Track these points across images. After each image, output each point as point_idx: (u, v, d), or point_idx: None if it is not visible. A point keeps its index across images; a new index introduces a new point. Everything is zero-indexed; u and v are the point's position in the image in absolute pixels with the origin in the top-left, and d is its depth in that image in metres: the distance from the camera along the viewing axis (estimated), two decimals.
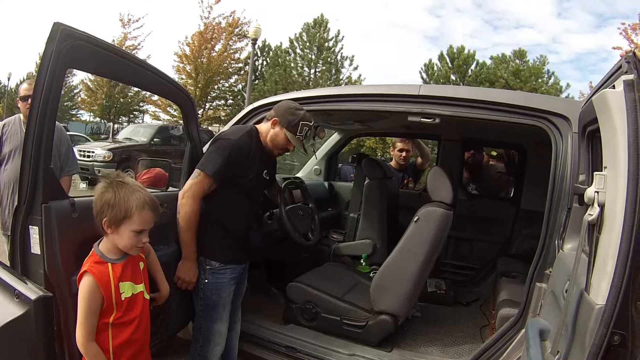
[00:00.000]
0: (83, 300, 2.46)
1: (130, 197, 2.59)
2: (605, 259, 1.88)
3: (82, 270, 2.50)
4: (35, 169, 2.53)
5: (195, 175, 3.44)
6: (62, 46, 2.52)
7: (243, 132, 3.63)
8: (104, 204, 2.55)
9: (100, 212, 2.55)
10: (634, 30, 26.51)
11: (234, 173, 3.50)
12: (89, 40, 2.70)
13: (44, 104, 2.50)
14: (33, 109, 2.51)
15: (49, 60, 2.50)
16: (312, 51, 38.04)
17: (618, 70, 2.13)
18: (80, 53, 2.65)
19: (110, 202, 2.55)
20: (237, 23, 34.82)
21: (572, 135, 3.28)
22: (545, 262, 3.30)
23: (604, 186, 2.02)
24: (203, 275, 3.54)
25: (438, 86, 15.34)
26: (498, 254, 6.25)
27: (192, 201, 3.39)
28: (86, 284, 2.48)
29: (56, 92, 2.56)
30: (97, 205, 2.56)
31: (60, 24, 2.51)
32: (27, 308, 2.19)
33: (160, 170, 4.12)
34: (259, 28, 23.30)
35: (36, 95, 2.51)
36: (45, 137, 2.53)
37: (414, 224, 4.19)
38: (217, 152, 3.47)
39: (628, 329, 1.86)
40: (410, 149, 7.47)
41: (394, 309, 4.16)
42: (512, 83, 33.91)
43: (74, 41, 2.58)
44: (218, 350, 3.69)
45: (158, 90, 3.88)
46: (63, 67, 2.58)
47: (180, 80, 33.65)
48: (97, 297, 2.50)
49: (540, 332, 2.67)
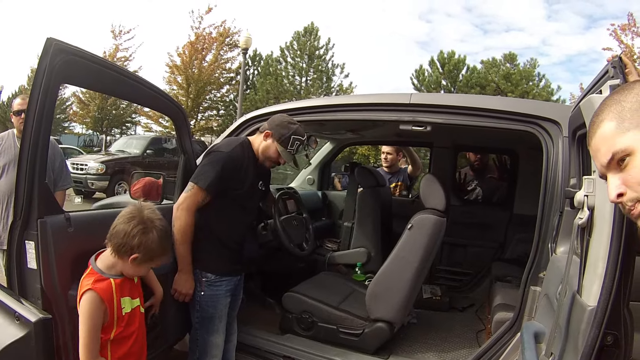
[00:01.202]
0: (88, 318, 2.48)
1: (165, 242, 2.71)
2: (596, 262, 1.91)
3: (85, 289, 2.51)
4: (31, 184, 2.55)
5: (189, 188, 3.46)
6: (56, 61, 2.54)
7: (235, 144, 3.65)
8: (142, 243, 2.58)
9: (132, 247, 2.57)
10: (623, 30, 26.64)
11: (228, 185, 3.52)
12: (82, 55, 2.72)
13: (39, 119, 2.53)
14: (27, 123, 2.53)
15: (42, 76, 2.52)
16: (303, 59, 38.08)
17: (605, 75, 2.17)
18: (73, 68, 2.67)
19: (152, 245, 2.61)
20: (227, 33, 34.79)
21: (562, 139, 3.30)
22: (539, 266, 3.31)
23: (593, 190, 2.06)
24: (199, 287, 3.55)
25: (429, 94, 15.46)
26: (492, 258, 6.26)
27: (186, 214, 3.40)
28: (91, 301, 2.49)
29: (50, 106, 2.58)
30: (133, 242, 2.58)
31: (53, 39, 2.54)
32: (27, 330, 2.22)
33: (151, 179, 4.12)
34: (250, 37, 23.26)
35: (30, 110, 2.53)
36: (40, 152, 2.56)
37: (408, 231, 4.21)
38: (210, 165, 3.49)
39: (620, 329, 1.89)
40: (394, 152, 7.52)
41: (389, 316, 4.17)
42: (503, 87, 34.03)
43: (67, 56, 2.61)
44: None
45: (151, 103, 3.89)
46: (57, 82, 2.61)
47: (172, 91, 33.63)
48: (100, 313, 2.52)
49: (535, 335, 2.69)
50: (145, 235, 2.58)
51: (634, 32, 26.49)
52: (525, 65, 36.40)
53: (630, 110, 1.26)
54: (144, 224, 2.60)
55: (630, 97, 1.26)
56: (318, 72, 37.75)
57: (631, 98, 1.26)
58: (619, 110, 1.28)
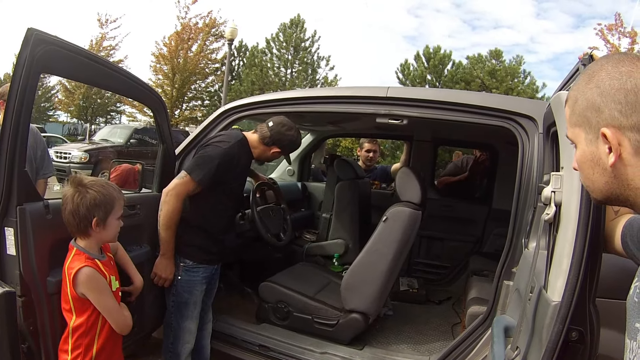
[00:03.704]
0: (97, 288, 2.59)
1: (108, 189, 2.70)
2: (561, 257, 1.93)
3: (80, 266, 2.55)
4: (10, 172, 2.56)
5: (182, 175, 3.50)
6: (36, 51, 2.55)
7: (234, 141, 3.68)
8: (89, 206, 2.60)
9: (85, 216, 2.60)
10: (610, 30, 26.82)
11: (220, 180, 3.56)
12: (62, 45, 2.74)
13: (19, 107, 2.54)
14: (7, 112, 2.54)
15: (22, 65, 2.53)
16: (288, 51, 37.94)
17: (576, 72, 2.18)
18: (53, 58, 2.70)
19: (96, 201, 2.62)
20: (213, 23, 34.61)
21: (538, 135, 3.31)
22: (512, 261, 3.34)
23: (561, 186, 2.08)
24: (177, 272, 3.59)
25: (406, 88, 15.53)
26: (470, 252, 6.32)
27: (174, 200, 3.43)
28: (92, 274, 2.56)
29: (30, 96, 2.60)
30: (81, 211, 2.60)
31: (34, 30, 2.56)
32: None
33: (127, 166, 4.12)
34: (236, 28, 23.16)
35: (11, 99, 2.54)
36: (19, 140, 2.57)
37: (383, 223, 4.24)
38: (207, 158, 3.52)
39: (586, 325, 1.91)
40: (377, 150, 7.59)
41: (364, 307, 4.20)
42: (488, 83, 33.99)
43: (47, 46, 2.62)
44: (188, 348, 3.73)
45: (131, 93, 3.92)
46: (37, 72, 2.62)
47: (157, 80, 33.50)
48: (105, 282, 2.61)
49: (505, 329, 2.72)
50: (85, 198, 2.61)
51: (620, 32, 26.69)
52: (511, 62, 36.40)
53: (579, 108, 1.33)
54: (77, 192, 2.63)
55: (587, 93, 1.30)
56: (303, 64, 37.64)
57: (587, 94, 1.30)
58: (572, 105, 1.36)
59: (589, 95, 1.29)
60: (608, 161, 1.24)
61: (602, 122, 1.25)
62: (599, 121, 1.26)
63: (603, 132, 1.23)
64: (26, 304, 2.59)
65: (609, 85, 1.25)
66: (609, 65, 1.28)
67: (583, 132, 1.32)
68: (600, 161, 1.28)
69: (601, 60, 1.33)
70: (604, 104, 1.25)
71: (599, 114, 1.26)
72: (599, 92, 1.26)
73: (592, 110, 1.28)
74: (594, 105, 1.27)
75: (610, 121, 1.23)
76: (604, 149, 1.25)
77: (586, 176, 1.36)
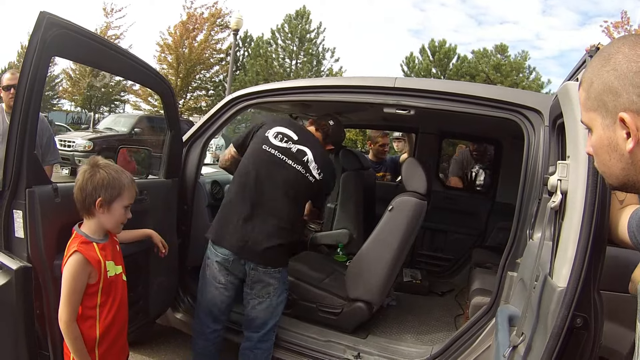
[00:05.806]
0: (70, 278, 2.52)
1: (120, 175, 2.72)
2: (567, 245, 1.95)
3: (72, 251, 2.55)
4: (20, 155, 2.58)
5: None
6: (48, 35, 2.56)
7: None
8: (97, 185, 2.63)
9: (91, 194, 2.63)
10: (616, 28, 26.63)
11: None
12: (74, 29, 2.75)
13: (29, 91, 2.56)
14: (18, 95, 2.55)
15: (34, 48, 2.54)
16: (293, 42, 37.94)
17: (583, 64, 2.19)
18: (65, 41, 2.71)
19: (104, 182, 2.64)
20: (219, 13, 34.55)
21: (544, 128, 3.31)
22: (516, 252, 3.36)
23: (567, 174, 2.10)
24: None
25: (413, 79, 15.46)
26: (473, 245, 6.34)
27: None
28: (75, 262, 2.53)
29: (41, 79, 2.62)
30: (88, 188, 2.63)
31: (46, 13, 2.56)
32: (9, 277, 2.40)
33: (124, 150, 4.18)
34: (241, 19, 23.09)
35: (22, 83, 2.55)
36: (30, 123, 2.59)
37: (388, 212, 4.26)
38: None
39: (590, 312, 1.93)
40: (388, 143, 7.58)
41: (368, 296, 4.22)
42: (492, 77, 33.95)
43: (59, 30, 2.63)
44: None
45: (140, 79, 3.92)
46: (48, 55, 2.64)
47: (162, 70, 33.31)
48: (84, 275, 2.56)
49: (509, 318, 2.74)
50: (94, 177, 2.64)
51: (626, 30, 26.39)
52: (517, 57, 36.37)
53: (595, 91, 1.29)
54: (90, 171, 2.67)
55: (603, 76, 1.29)
56: (308, 56, 37.62)
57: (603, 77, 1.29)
58: (587, 88, 1.33)
59: (605, 78, 1.25)
60: (626, 147, 1.21)
61: (620, 106, 1.22)
62: (616, 105, 1.23)
63: (621, 116, 1.20)
64: (34, 287, 2.60)
65: (627, 68, 1.22)
66: (625, 47, 1.25)
67: (599, 117, 1.28)
68: (617, 147, 1.25)
69: (617, 42, 1.30)
70: (621, 87, 1.22)
71: (616, 97, 1.23)
72: (616, 75, 1.23)
73: (609, 93, 1.25)
74: (611, 88, 1.24)
75: (629, 105, 1.20)
76: (621, 134, 1.22)
77: (602, 162, 1.33)
